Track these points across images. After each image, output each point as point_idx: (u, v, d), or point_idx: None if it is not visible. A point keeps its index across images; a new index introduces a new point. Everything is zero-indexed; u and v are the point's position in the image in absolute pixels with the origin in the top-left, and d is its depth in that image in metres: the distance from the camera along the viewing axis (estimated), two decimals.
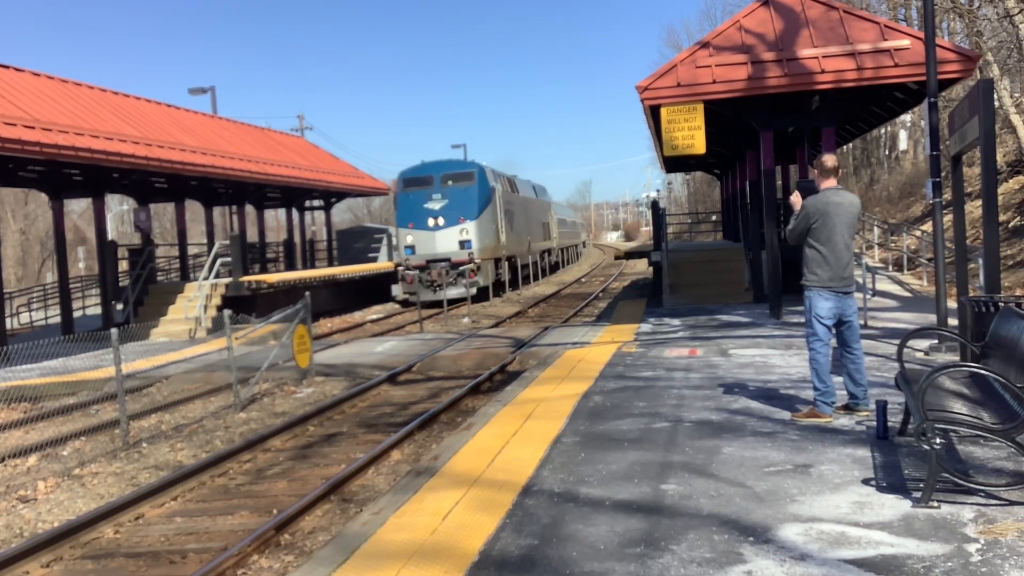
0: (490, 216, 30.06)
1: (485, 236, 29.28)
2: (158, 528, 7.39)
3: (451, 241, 28.71)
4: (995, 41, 24.13)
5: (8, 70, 19.97)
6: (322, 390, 13.65)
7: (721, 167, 31.36)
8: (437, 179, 29.56)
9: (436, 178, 29.61)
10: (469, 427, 8.13)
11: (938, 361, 9.75)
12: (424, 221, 29.04)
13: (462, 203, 28.92)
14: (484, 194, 29.72)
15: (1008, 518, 4.80)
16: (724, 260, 22.14)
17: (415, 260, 28.69)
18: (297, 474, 8.89)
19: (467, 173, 29.96)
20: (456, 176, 29.75)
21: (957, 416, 5.43)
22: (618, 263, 53.74)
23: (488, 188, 30.13)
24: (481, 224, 29.08)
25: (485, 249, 29.29)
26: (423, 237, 28.91)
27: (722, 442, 6.78)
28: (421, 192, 29.41)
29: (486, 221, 29.59)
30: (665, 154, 15.26)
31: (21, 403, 13.07)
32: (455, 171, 30.11)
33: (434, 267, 28.41)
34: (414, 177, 30.09)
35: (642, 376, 10.13)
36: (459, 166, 30.70)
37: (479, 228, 28.88)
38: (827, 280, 7.20)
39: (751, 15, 14.77)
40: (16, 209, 55.49)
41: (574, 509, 5.41)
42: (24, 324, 29.01)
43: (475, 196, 29.20)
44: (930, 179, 10.82)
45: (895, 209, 35.88)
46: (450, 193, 29.11)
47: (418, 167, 30.81)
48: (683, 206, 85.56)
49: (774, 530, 4.82)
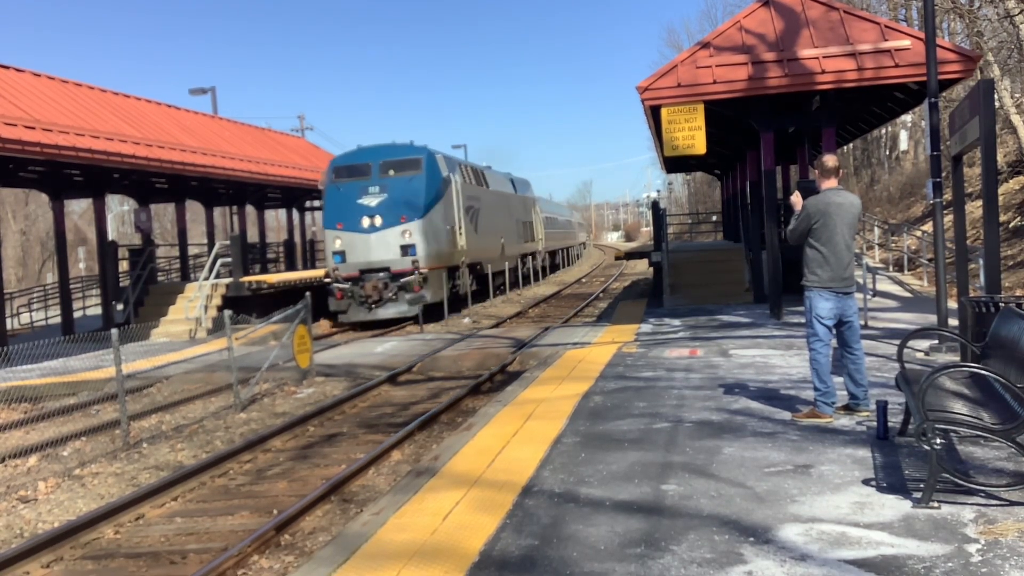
0: (443, 214, 24.32)
1: (435, 239, 23.50)
2: (158, 528, 7.39)
3: (390, 246, 22.79)
4: (995, 41, 24.13)
5: (8, 70, 19.98)
6: (322, 390, 13.65)
7: (721, 167, 31.36)
8: (375, 168, 23.67)
9: (374, 167, 23.70)
10: (469, 427, 8.13)
11: (938, 361, 9.75)
12: (356, 221, 23.03)
13: (405, 198, 23.04)
14: (434, 186, 23.95)
15: (1008, 518, 4.80)
16: (724, 260, 22.14)
17: (345, 270, 22.81)
18: (297, 474, 8.89)
19: (412, 160, 23.87)
20: (399, 164, 23.79)
21: (957, 416, 5.42)
22: (618, 263, 53.71)
23: (439, 179, 24.33)
24: (429, 224, 23.21)
25: (435, 255, 23.38)
26: (355, 241, 22.93)
27: (722, 442, 6.78)
28: (354, 184, 23.46)
29: (437, 220, 23.79)
30: (665, 154, 15.26)
31: (21, 403, 13.07)
32: (397, 158, 23.98)
33: (368, 279, 22.50)
34: (346, 166, 24.27)
35: (642, 376, 10.12)
36: (402, 151, 24.31)
37: (426, 229, 23.02)
38: (828, 280, 7.20)
39: (751, 15, 14.77)
40: (16, 209, 55.50)
41: (574, 509, 5.41)
42: (24, 324, 29.01)
43: (422, 189, 23.28)
44: (930, 179, 10.82)
45: (895, 209, 35.87)
46: (391, 185, 23.29)
47: (352, 153, 25.10)
48: (683, 206, 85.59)
49: (774, 530, 4.82)
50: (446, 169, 25.12)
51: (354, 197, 23.26)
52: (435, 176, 24.13)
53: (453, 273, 24.93)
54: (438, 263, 23.58)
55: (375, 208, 23.01)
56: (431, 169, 23.96)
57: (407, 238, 22.76)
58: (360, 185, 23.39)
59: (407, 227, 22.81)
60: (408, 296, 22.44)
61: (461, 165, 28.00)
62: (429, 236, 23.13)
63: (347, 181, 23.70)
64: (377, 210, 22.97)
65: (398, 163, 23.79)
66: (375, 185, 23.30)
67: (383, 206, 22.96)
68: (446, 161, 25.75)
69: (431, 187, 23.68)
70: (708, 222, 45.69)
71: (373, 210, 23.03)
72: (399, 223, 22.84)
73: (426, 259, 22.84)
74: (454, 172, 25.97)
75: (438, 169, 24.48)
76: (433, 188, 23.81)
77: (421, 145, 24.60)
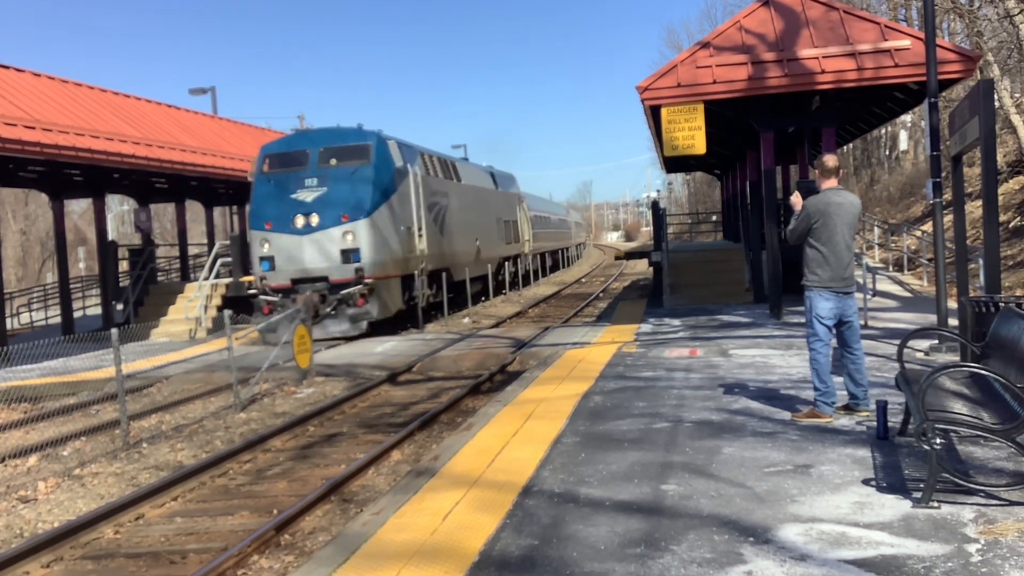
0: (396, 211, 20.34)
1: (385, 241, 19.66)
2: (158, 528, 7.39)
3: (328, 250, 19.02)
4: (995, 41, 24.13)
5: (8, 70, 19.97)
6: (322, 390, 13.65)
7: (721, 167, 31.36)
8: (313, 156, 19.84)
9: (312, 155, 19.87)
10: (469, 427, 8.13)
11: (938, 361, 9.75)
12: (288, 220, 19.14)
13: (348, 192, 19.21)
14: (385, 178, 20.06)
15: (1008, 518, 4.80)
16: (724, 260, 22.14)
17: (274, 279, 19.07)
18: (297, 474, 8.88)
19: (358, 148, 19.99)
20: (342, 152, 19.95)
21: (957, 416, 5.42)
22: (618, 263, 53.73)
23: (391, 170, 20.41)
24: (378, 223, 19.35)
25: (386, 261, 19.60)
26: (286, 244, 19.08)
27: (722, 442, 6.78)
28: (288, 176, 19.59)
29: (388, 219, 19.88)
30: (665, 154, 15.26)
31: (21, 403, 13.07)
32: (340, 144, 20.12)
33: (302, 291, 18.77)
34: (280, 153, 20.35)
35: (642, 376, 10.13)
36: (347, 137, 20.38)
37: (374, 230, 19.17)
38: (828, 280, 7.20)
39: (751, 15, 14.77)
40: (16, 209, 55.50)
41: (574, 509, 5.41)
42: (24, 324, 29.01)
43: (368, 181, 19.40)
44: (930, 179, 10.82)
45: (895, 209, 35.87)
46: (332, 177, 19.46)
47: (288, 138, 21.56)
48: (683, 206, 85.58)
49: (774, 530, 4.82)
50: (401, 159, 21.09)
51: (287, 191, 19.42)
52: (386, 166, 20.26)
53: (408, 282, 20.92)
54: (389, 271, 19.78)
55: (311, 205, 19.15)
56: (382, 158, 20.11)
57: (349, 241, 18.94)
58: (295, 177, 19.52)
59: (350, 228, 18.92)
60: (350, 311, 18.70)
61: (424, 155, 23.85)
62: (377, 238, 19.27)
63: (280, 172, 19.81)
64: (314, 207, 19.13)
65: (341, 151, 19.96)
66: (313, 177, 19.43)
67: (321, 202, 19.18)
68: (403, 149, 21.71)
69: (381, 180, 19.83)
70: (708, 222, 45.68)
71: (309, 207, 19.13)
72: (340, 223, 18.96)
73: (373, 266, 19.08)
74: (413, 163, 22.09)
75: (390, 158, 20.52)
76: (384, 181, 19.95)
77: (373, 130, 20.76)
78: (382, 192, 19.73)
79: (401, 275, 20.38)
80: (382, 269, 19.39)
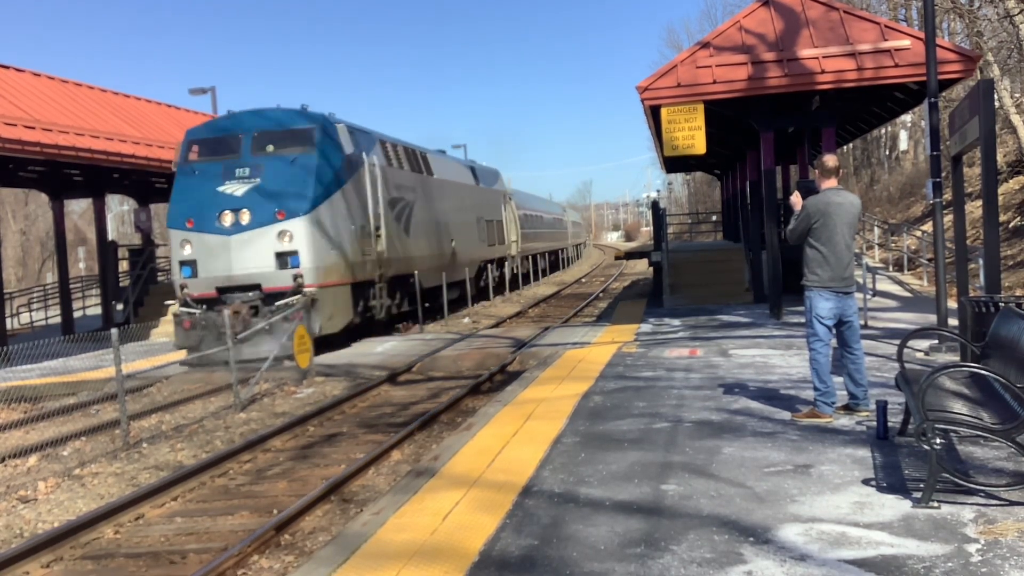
0: (347, 207, 17.62)
1: (332, 243, 16.91)
2: (158, 528, 7.39)
3: (261, 253, 16.15)
4: (995, 41, 24.13)
5: (8, 70, 19.99)
6: (322, 390, 13.65)
7: (721, 167, 31.36)
8: (246, 142, 16.95)
9: (245, 140, 16.97)
10: (469, 427, 8.13)
11: (938, 361, 9.75)
12: (214, 217, 16.23)
13: (286, 184, 16.40)
14: (332, 168, 17.20)
15: (1008, 518, 4.80)
16: (724, 260, 22.14)
17: (197, 287, 16.30)
18: (297, 474, 8.88)
19: (300, 132, 17.14)
20: (281, 137, 17.06)
21: (957, 416, 5.43)
22: (618, 263, 53.75)
23: (340, 159, 17.54)
24: (322, 221, 16.62)
25: (332, 266, 16.84)
26: (211, 246, 16.21)
27: (722, 442, 6.78)
28: (216, 166, 16.73)
29: (335, 216, 17.09)
30: (665, 154, 15.26)
31: (21, 403, 13.07)
32: (279, 128, 17.24)
33: (231, 300, 15.99)
34: (207, 139, 17.40)
35: (642, 376, 10.12)
36: (287, 120, 17.45)
37: (317, 228, 16.46)
38: (827, 280, 7.20)
39: (751, 15, 14.77)
40: (16, 209, 55.52)
41: (574, 509, 5.41)
42: (24, 324, 29.02)
43: (311, 172, 16.61)
44: (930, 179, 10.82)
45: (895, 209, 35.88)
46: (268, 167, 16.59)
47: (217, 121, 18.52)
48: (683, 206, 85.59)
49: (774, 530, 4.82)
50: (352, 146, 17.95)
51: (214, 183, 16.49)
52: (334, 155, 17.33)
53: (363, 291, 18.10)
54: (336, 277, 16.95)
55: (242, 199, 16.26)
56: (328, 145, 17.21)
57: (287, 242, 16.08)
58: (224, 166, 16.64)
59: (287, 227, 16.08)
60: (287, 326, 15.47)
61: (386, 144, 20.91)
62: (320, 239, 16.47)
63: (206, 161, 16.95)
64: (244, 202, 16.24)
65: (280, 135, 17.04)
66: (245, 166, 16.56)
67: (253, 196, 16.26)
68: (356, 135, 18.62)
69: (327, 169, 16.97)
70: (708, 222, 45.68)
71: (239, 202, 16.26)
72: (275, 220, 16.11)
73: (316, 272, 16.27)
74: (370, 152, 19.20)
75: (338, 146, 17.53)
76: (330, 171, 17.07)
77: (320, 112, 17.97)
78: (328, 184, 16.90)
79: (352, 282, 17.51)
80: (327, 275, 16.58)
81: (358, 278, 17.80)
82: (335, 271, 16.91)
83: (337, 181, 17.27)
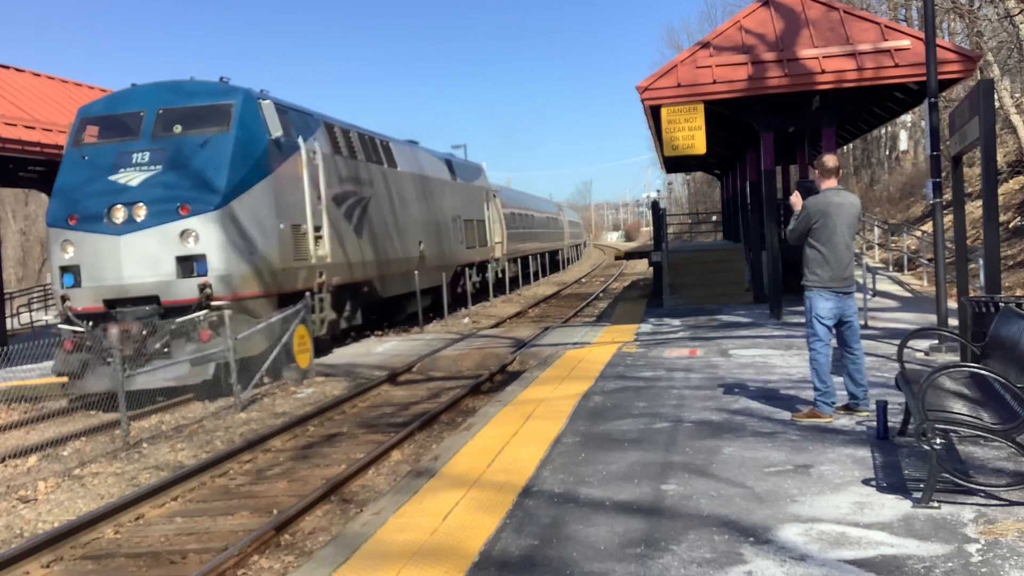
0: (275, 201, 14.44)
1: (253, 244, 13.80)
2: (158, 528, 7.40)
3: (159, 258, 13.16)
4: (995, 41, 24.14)
5: (8, 70, 19.99)
6: (322, 390, 13.65)
7: (721, 167, 31.36)
8: (148, 121, 13.99)
9: (148, 118, 14.01)
10: (469, 427, 8.13)
11: (938, 361, 9.75)
12: (101, 213, 13.27)
13: (193, 172, 13.45)
14: (254, 153, 14.10)
15: (1008, 518, 4.80)
16: (724, 260, 22.13)
17: (80, 300, 13.33)
18: (297, 474, 8.89)
19: (215, 109, 14.08)
20: (191, 115, 14.01)
21: (957, 416, 5.43)
22: (618, 263, 53.76)
23: (265, 142, 14.38)
24: (237, 217, 13.55)
25: (253, 273, 13.79)
26: (98, 249, 13.24)
27: (722, 442, 6.78)
28: (110, 149, 13.81)
29: (257, 211, 13.97)
30: (665, 154, 15.27)
31: (21, 403, 13.06)
32: (189, 104, 14.17)
33: (123, 316, 13.07)
34: (103, 117, 14.55)
35: (642, 376, 10.12)
36: (200, 94, 14.38)
37: (231, 226, 13.43)
38: (827, 280, 7.20)
39: (751, 15, 14.78)
40: (16, 209, 55.51)
41: (574, 509, 5.41)
42: (24, 324, 29.01)
43: (225, 157, 13.55)
44: (930, 179, 10.82)
45: (895, 209, 35.88)
46: (172, 151, 13.60)
47: (116, 96, 15.25)
48: (683, 206, 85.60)
49: (774, 530, 4.82)
50: (283, 128, 14.98)
51: (104, 170, 13.49)
52: (257, 138, 14.26)
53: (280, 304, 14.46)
54: (258, 287, 13.91)
55: (137, 191, 13.23)
56: (251, 125, 14.17)
57: (191, 244, 13.07)
58: (119, 150, 13.66)
59: (192, 224, 13.04)
60: (191, 347, 12.76)
61: (334, 128, 17.78)
62: (236, 241, 13.43)
63: (100, 144, 14.07)
64: (141, 194, 13.19)
65: (190, 113, 14.01)
66: (145, 150, 13.56)
67: (152, 187, 13.25)
68: (291, 117, 15.69)
69: (247, 156, 13.91)
70: (708, 222, 45.67)
71: (134, 194, 13.20)
72: (177, 217, 13.05)
73: (228, 281, 13.25)
74: (311, 136, 16.22)
75: (263, 126, 14.47)
76: (252, 157, 14.00)
77: (245, 86, 14.83)
78: (248, 173, 13.82)
79: (279, 293, 14.50)
80: (243, 285, 13.54)
81: (288, 288, 14.74)
82: (254, 280, 13.82)
83: (260, 169, 14.15)
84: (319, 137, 16.69)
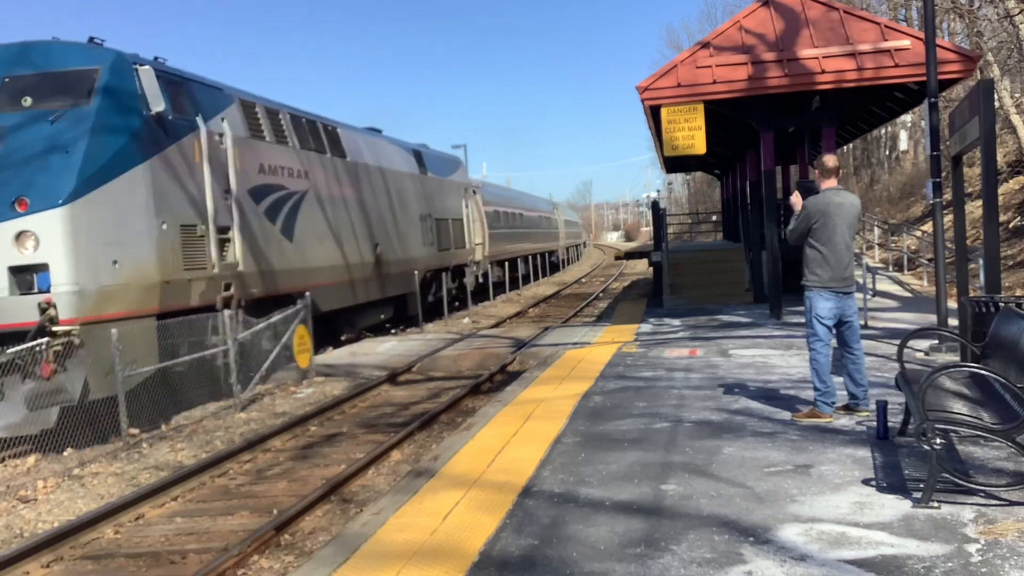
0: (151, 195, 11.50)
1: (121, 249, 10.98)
2: (158, 528, 7.40)
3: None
4: (995, 41, 24.13)
5: None
6: (322, 390, 13.65)
7: (721, 167, 31.36)
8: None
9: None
10: (469, 427, 8.13)
11: (938, 361, 9.75)
12: None
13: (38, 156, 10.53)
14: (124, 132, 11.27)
15: (1008, 518, 4.80)
16: (724, 260, 22.12)
17: None
18: (297, 474, 8.89)
19: (75, 76, 11.29)
20: (44, 83, 11.23)
21: (957, 416, 5.42)
22: (618, 263, 53.76)
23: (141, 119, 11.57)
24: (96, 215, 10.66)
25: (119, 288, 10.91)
26: None
27: (722, 442, 6.78)
28: None
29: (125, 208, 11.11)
30: (665, 154, 15.26)
31: None
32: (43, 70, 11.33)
33: None
34: None
35: (642, 376, 10.12)
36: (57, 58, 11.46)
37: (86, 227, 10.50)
38: (827, 280, 7.20)
39: (751, 15, 14.77)
40: None
41: (574, 509, 5.41)
42: None
43: (82, 136, 10.68)
44: (930, 179, 10.82)
45: (895, 209, 35.88)
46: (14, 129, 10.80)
47: None
48: (683, 206, 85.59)
49: (774, 530, 4.83)
50: (168, 102, 12.04)
51: None
52: (130, 113, 11.47)
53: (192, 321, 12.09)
54: (125, 305, 10.98)
55: None
56: (119, 96, 11.37)
57: (29, 250, 10.23)
58: None
59: (31, 224, 10.20)
60: (27, 387, 9.94)
61: (255, 107, 14.79)
62: (94, 245, 10.61)
63: None
64: None
65: (43, 80, 11.23)
66: None
67: None
68: (185, 89, 12.87)
69: (115, 135, 11.12)
70: (708, 222, 45.67)
71: None
72: (11, 214, 10.22)
73: (81, 298, 10.39)
74: (215, 114, 13.35)
75: (140, 99, 11.62)
76: (121, 137, 11.19)
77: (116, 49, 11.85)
78: (113, 157, 10.98)
79: (160, 312, 11.58)
80: (105, 304, 10.65)
81: (175, 305, 11.89)
82: (119, 297, 10.87)
83: (132, 154, 11.27)
84: (230, 116, 13.70)
